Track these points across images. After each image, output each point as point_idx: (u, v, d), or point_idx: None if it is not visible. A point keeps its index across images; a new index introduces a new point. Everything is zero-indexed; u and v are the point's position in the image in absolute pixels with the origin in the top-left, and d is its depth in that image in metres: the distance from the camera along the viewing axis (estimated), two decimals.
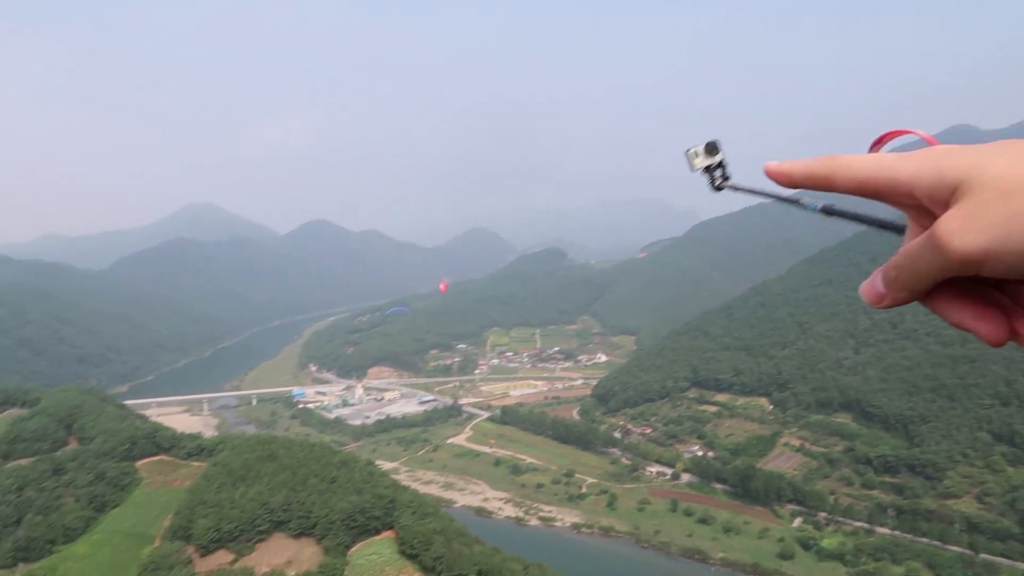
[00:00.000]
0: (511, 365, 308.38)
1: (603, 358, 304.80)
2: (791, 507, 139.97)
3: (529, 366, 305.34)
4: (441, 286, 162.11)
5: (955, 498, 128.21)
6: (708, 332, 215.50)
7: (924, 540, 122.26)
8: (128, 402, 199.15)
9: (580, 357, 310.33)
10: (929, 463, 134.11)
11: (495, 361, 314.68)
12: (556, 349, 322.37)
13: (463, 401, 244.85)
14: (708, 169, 12.41)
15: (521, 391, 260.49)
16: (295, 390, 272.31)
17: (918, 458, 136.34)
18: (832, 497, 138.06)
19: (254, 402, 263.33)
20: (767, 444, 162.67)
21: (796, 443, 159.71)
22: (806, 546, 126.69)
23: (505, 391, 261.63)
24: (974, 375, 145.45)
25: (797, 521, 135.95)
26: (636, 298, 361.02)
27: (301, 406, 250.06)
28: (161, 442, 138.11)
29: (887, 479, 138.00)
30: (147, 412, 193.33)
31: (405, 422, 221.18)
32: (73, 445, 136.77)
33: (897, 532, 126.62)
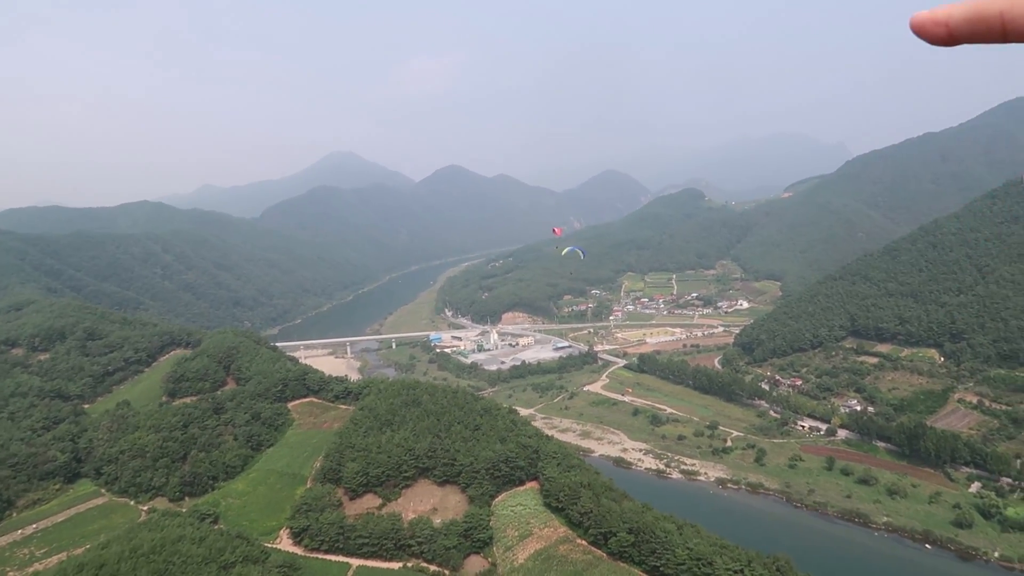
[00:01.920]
0: (647, 311, 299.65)
1: (745, 305, 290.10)
2: (967, 470, 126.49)
3: (665, 313, 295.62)
4: (556, 231, 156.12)
5: None
6: (868, 277, 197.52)
7: None
8: (279, 344, 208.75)
9: (720, 304, 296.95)
10: None
11: (630, 307, 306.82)
12: (694, 295, 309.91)
13: (598, 348, 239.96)
14: None
15: (658, 338, 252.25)
16: (432, 335, 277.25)
17: None
18: (1018, 461, 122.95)
19: (394, 346, 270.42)
20: (938, 400, 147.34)
21: (973, 400, 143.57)
22: (986, 515, 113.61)
23: (641, 338, 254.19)
24: None
25: (975, 486, 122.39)
26: (781, 241, 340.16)
27: (438, 350, 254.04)
28: (311, 384, 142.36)
29: None
30: (296, 354, 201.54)
31: (540, 368, 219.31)
32: (231, 385, 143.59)
33: None
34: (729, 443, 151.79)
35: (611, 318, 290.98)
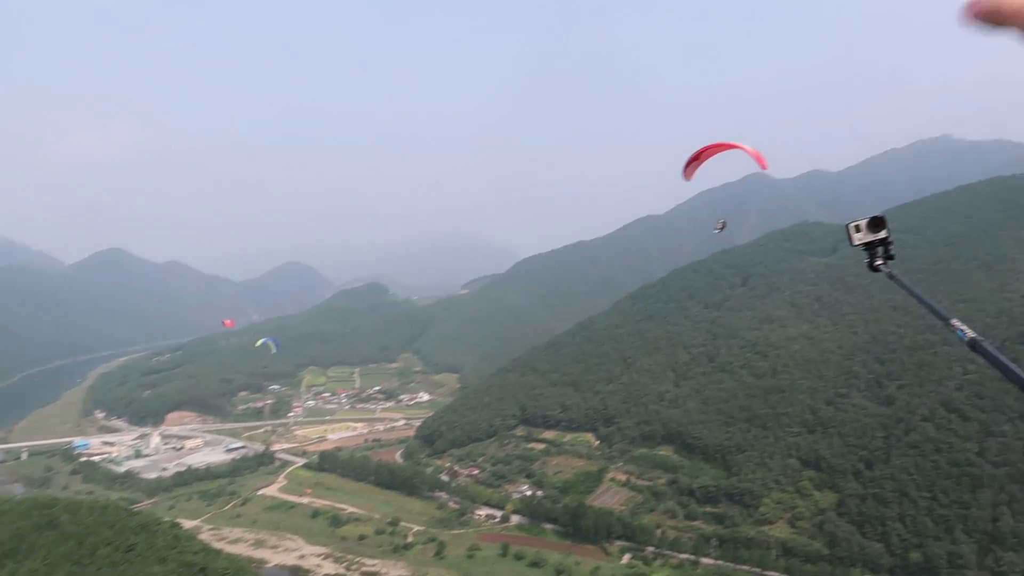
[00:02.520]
0: (329, 406, 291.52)
1: (426, 397, 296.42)
2: (620, 543, 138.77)
3: (348, 407, 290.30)
4: (227, 323, 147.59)
5: (770, 524, 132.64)
6: (536, 368, 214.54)
7: (745, 568, 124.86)
8: None
9: (402, 397, 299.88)
10: (746, 491, 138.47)
11: (311, 403, 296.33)
12: (376, 389, 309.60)
13: (276, 447, 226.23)
14: (869, 245, 8.10)
15: (340, 434, 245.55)
16: (77, 441, 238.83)
17: (736, 487, 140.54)
18: (659, 530, 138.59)
19: (24, 456, 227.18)
20: (594, 480, 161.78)
21: (622, 478, 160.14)
22: None
23: (322, 435, 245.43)
24: (783, 405, 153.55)
25: (626, 557, 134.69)
26: (459, 335, 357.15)
27: (84, 459, 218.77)
28: None
29: (709, 509, 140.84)
30: None
31: (210, 473, 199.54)
32: None
33: (720, 561, 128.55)
34: (411, 538, 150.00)
35: (291, 415, 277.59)
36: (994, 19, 3.06)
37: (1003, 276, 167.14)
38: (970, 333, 6.00)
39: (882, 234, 8.72)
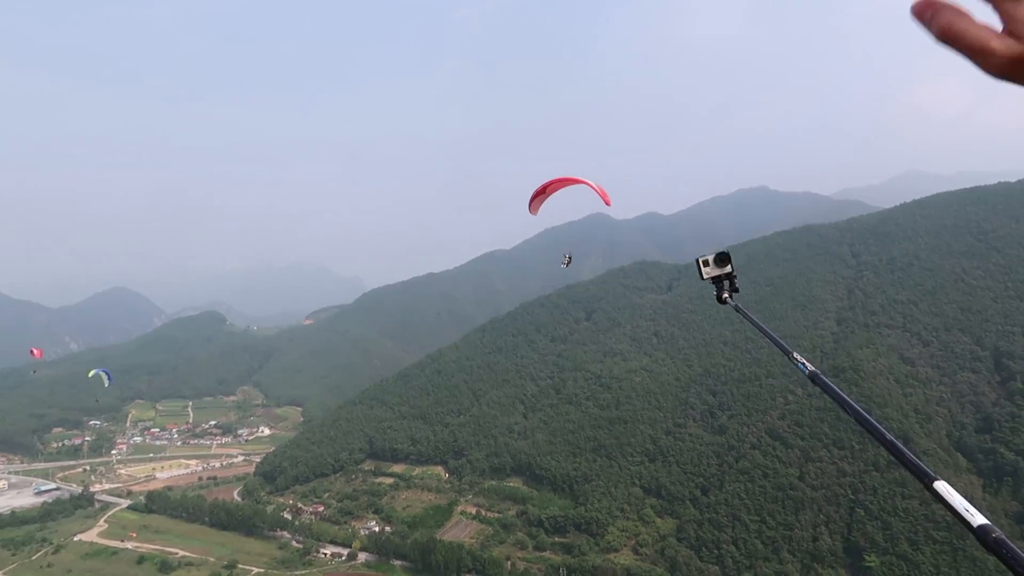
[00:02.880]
0: (158, 443, 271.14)
1: (267, 432, 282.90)
2: None
3: (180, 443, 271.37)
4: (35, 352, 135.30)
5: (615, 552, 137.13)
6: (384, 401, 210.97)
7: None
8: None
9: (241, 431, 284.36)
10: (593, 520, 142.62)
11: (137, 439, 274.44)
12: (212, 423, 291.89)
13: (96, 488, 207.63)
14: (717, 279, 9.68)
15: (170, 472, 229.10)
16: None
17: (583, 516, 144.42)
18: (509, 562, 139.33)
19: None
20: (445, 514, 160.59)
21: (472, 510, 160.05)
22: None
23: (151, 473, 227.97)
24: (626, 435, 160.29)
25: None
26: (303, 367, 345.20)
27: None
28: None
29: (558, 539, 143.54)
30: None
31: (15, 519, 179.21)
32: None
33: None
34: None
35: (114, 452, 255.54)
36: (944, 34, 3.09)
37: (815, 315, 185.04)
38: (810, 367, 6.59)
39: (727, 269, 9.87)
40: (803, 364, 6.15)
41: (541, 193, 34.37)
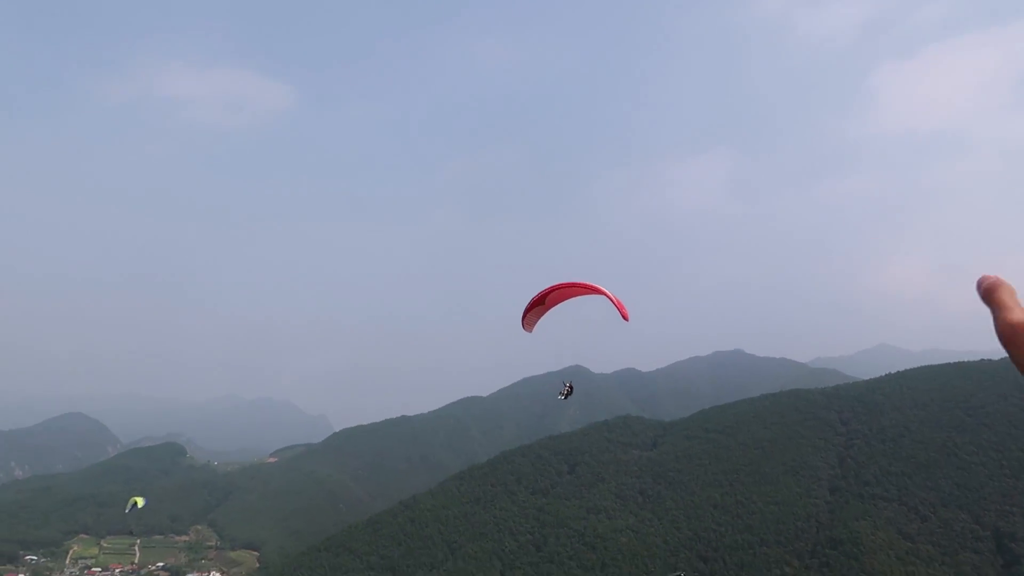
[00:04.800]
0: None
1: None
2: None
3: None
4: None
5: None
6: (352, 549, 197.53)
7: None
8: None
9: None
10: None
11: None
12: (160, 565, 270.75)
13: None
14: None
15: None
16: None
17: None
18: None
19: None
20: None
21: None
22: None
23: None
24: None
25: None
26: (263, 508, 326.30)
27: None
28: None
29: None
30: None
31: None
32: None
33: None
34: None
35: None
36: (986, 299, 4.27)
37: (808, 482, 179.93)
38: None
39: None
40: None
41: (539, 303, 30.27)
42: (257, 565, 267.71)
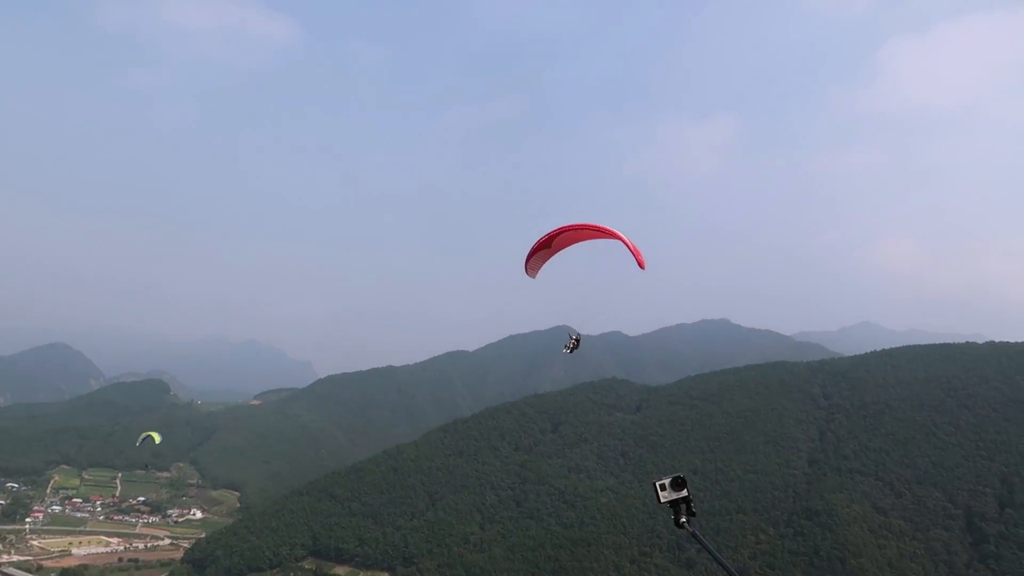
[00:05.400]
0: (79, 515, 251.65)
1: (199, 515, 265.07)
2: None
3: (103, 518, 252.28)
4: None
5: None
6: (334, 495, 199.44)
7: None
8: None
9: (171, 512, 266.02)
10: None
11: (56, 508, 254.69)
12: (141, 499, 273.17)
13: (2, 559, 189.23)
14: (674, 503, 11.22)
15: (88, 549, 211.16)
16: None
17: None
18: None
19: None
20: None
21: None
22: None
23: (66, 548, 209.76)
24: (589, 559, 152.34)
25: None
26: (246, 449, 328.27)
27: None
28: None
29: None
30: None
31: None
32: None
33: None
34: None
35: (28, 520, 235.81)
36: None
37: (787, 453, 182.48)
38: None
39: (684, 493, 10.46)
40: None
41: (545, 246, 28.15)
42: (238, 505, 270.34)
